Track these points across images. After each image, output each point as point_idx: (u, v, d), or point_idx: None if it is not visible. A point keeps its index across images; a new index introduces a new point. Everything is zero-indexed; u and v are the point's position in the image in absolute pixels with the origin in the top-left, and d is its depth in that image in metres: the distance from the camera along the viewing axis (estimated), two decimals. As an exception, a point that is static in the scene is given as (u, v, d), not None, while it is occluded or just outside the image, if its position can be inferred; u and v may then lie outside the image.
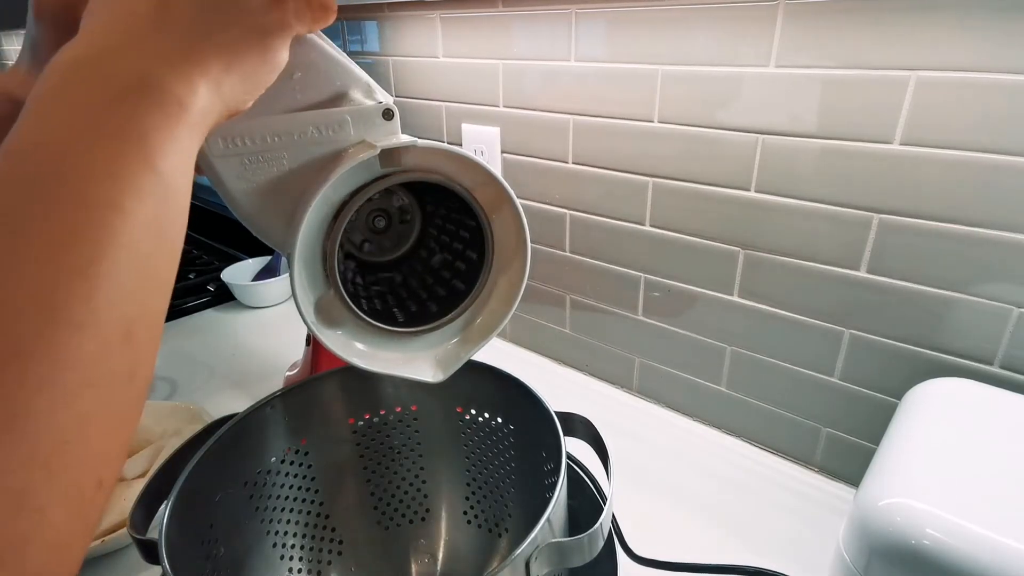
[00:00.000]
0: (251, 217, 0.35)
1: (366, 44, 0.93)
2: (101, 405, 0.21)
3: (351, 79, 0.35)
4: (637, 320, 0.75)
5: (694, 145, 0.63)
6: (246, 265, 1.12)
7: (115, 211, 0.21)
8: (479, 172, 0.38)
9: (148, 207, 0.22)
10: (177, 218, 0.24)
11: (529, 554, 0.32)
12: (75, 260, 0.20)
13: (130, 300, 0.22)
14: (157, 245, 0.23)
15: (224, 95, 0.27)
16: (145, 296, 0.23)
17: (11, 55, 2.37)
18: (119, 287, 0.21)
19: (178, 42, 0.25)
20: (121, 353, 0.21)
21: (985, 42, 0.45)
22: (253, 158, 0.34)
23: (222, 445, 0.42)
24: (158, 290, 0.24)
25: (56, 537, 0.19)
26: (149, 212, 0.22)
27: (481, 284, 0.41)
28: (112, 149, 0.22)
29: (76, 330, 0.20)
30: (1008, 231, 0.48)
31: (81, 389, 0.20)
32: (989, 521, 0.35)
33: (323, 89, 0.35)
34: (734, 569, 0.52)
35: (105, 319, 0.21)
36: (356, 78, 0.36)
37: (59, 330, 0.19)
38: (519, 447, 0.50)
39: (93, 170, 0.21)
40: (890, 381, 0.57)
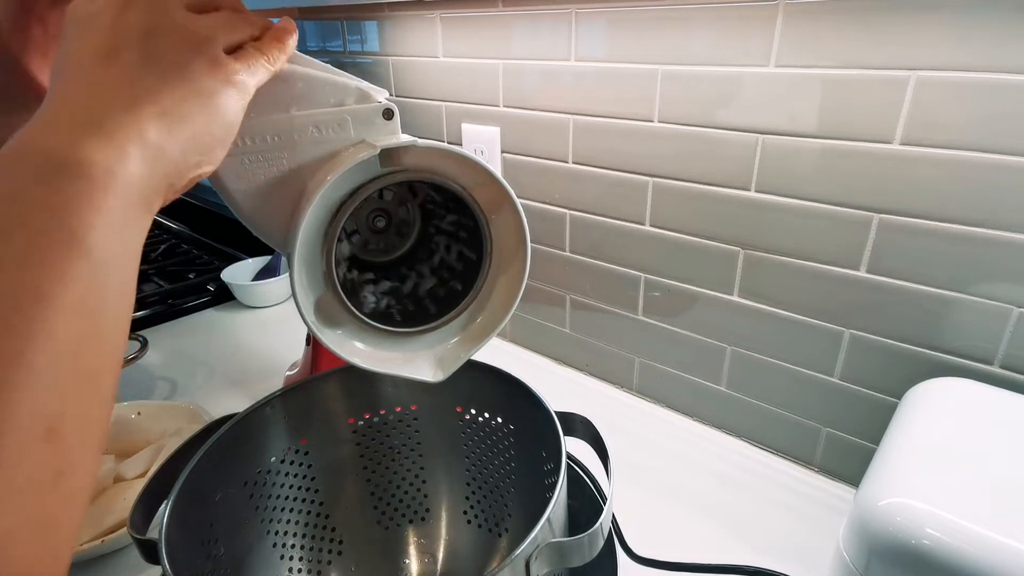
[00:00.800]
0: (251, 217, 0.35)
1: (366, 44, 0.93)
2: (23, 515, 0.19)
3: (343, 93, 0.35)
4: (637, 320, 0.75)
5: (694, 145, 0.63)
6: (246, 265, 1.12)
7: (35, 299, 0.20)
8: (479, 172, 0.38)
9: (74, 291, 0.21)
10: (112, 299, 0.23)
11: (529, 554, 0.32)
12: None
13: (53, 396, 0.20)
14: (86, 333, 0.21)
15: (169, 160, 0.25)
16: (72, 390, 0.21)
17: (11, 55, 2.37)
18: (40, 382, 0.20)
19: (111, 112, 0.24)
20: (42, 454, 0.20)
21: (985, 42, 0.45)
22: (253, 158, 0.34)
23: (222, 445, 0.42)
24: (89, 383, 0.22)
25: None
26: (75, 297, 0.21)
27: (481, 284, 0.41)
28: (34, 230, 0.20)
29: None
30: (1008, 231, 0.48)
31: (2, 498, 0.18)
32: (989, 521, 0.34)
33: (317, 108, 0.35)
34: (734, 569, 0.52)
35: (25, 418, 0.19)
36: (348, 90, 0.35)
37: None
38: (519, 447, 0.50)
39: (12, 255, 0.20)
40: (890, 381, 0.57)
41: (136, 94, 0.25)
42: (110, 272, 0.22)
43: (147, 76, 0.25)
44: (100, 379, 0.22)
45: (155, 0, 0.27)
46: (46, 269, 0.20)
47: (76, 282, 0.21)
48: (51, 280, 0.20)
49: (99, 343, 0.22)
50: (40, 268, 0.20)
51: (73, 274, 0.21)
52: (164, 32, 0.26)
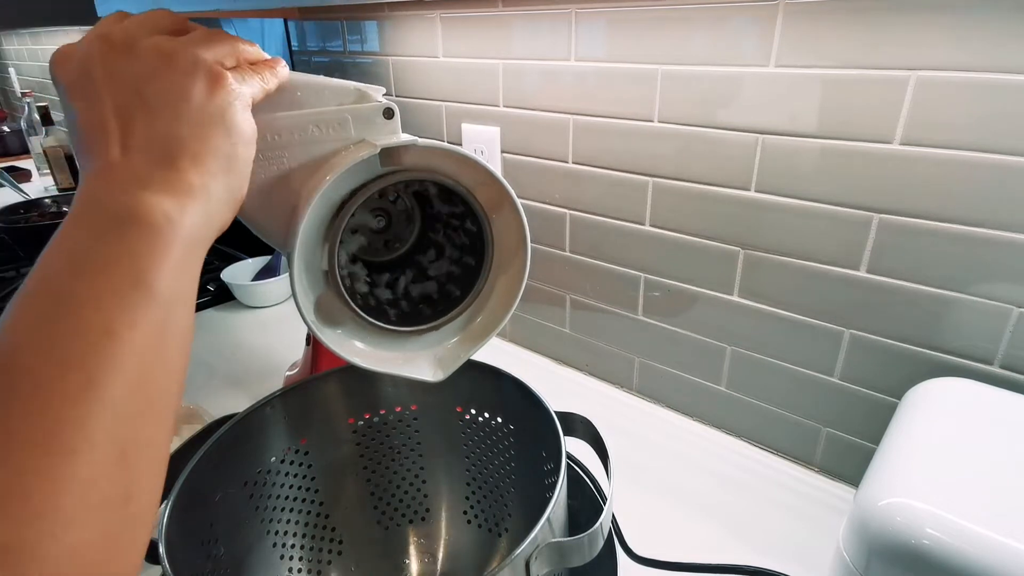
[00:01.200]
0: (251, 216, 0.35)
1: (366, 44, 0.93)
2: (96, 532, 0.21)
3: (342, 94, 0.35)
4: (637, 320, 0.75)
5: (694, 145, 0.63)
6: (246, 265, 1.12)
7: (108, 337, 0.22)
8: (479, 171, 0.38)
9: (142, 330, 0.23)
10: (175, 337, 0.25)
11: (529, 554, 0.32)
12: (68, 387, 0.21)
13: (124, 424, 0.22)
14: (152, 367, 0.23)
15: (216, 199, 0.27)
16: (141, 419, 0.23)
17: (11, 55, 2.37)
18: (112, 411, 0.22)
19: (149, 165, 0.26)
20: (115, 476, 0.22)
21: (985, 42, 0.45)
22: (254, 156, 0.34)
23: (222, 445, 0.42)
24: (155, 412, 0.24)
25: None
26: (144, 335, 0.23)
27: (481, 284, 0.41)
28: (104, 277, 0.23)
29: (67, 455, 0.20)
30: (1008, 231, 0.48)
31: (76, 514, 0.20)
32: (989, 521, 0.34)
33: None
34: (734, 569, 0.52)
35: (99, 443, 0.21)
36: (347, 91, 0.35)
37: (53, 456, 0.20)
38: (519, 447, 0.50)
39: (87, 299, 0.22)
40: (890, 381, 0.57)
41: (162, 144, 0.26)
42: (173, 310, 0.24)
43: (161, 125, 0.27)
44: (165, 408, 0.25)
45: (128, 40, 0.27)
46: (116, 310, 0.23)
47: (143, 321, 0.23)
48: (121, 319, 0.23)
49: (164, 375, 0.24)
50: (111, 309, 0.23)
51: (140, 314, 0.23)
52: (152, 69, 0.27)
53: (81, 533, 0.20)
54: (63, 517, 0.20)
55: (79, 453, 0.21)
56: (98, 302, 0.22)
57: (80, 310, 0.22)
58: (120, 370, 0.22)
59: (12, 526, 0.19)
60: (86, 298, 0.22)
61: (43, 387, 0.21)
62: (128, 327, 0.23)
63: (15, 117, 2.37)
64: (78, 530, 0.20)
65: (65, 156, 1.63)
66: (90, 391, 0.21)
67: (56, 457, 0.20)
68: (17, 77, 2.23)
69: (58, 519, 0.20)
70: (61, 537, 0.20)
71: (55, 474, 0.20)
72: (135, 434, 0.23)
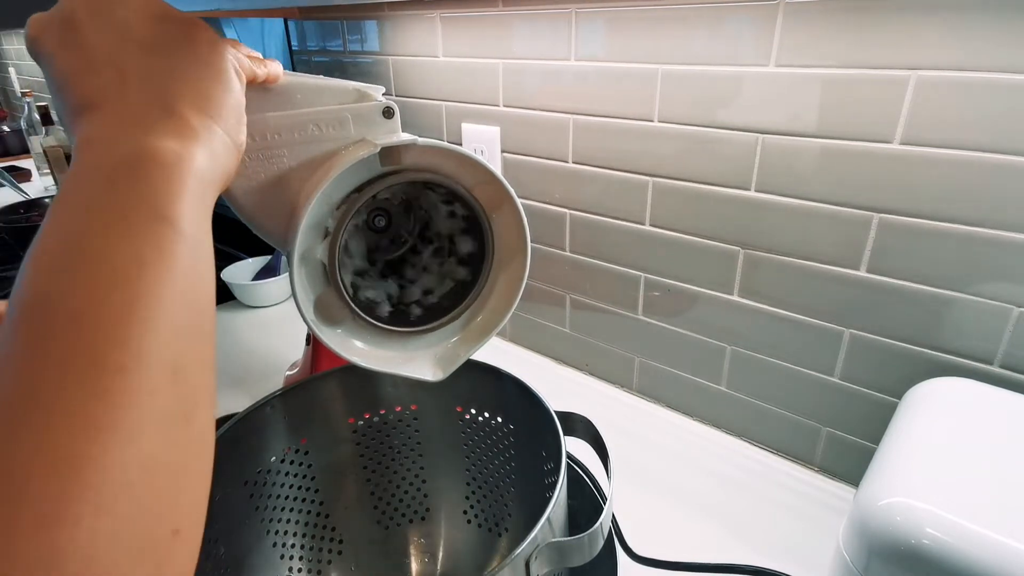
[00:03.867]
0: (251, 215, 0.35)
1: (366, 43, 0.93)
2: (162, 447, 0.21)
3: (342, 94, 0.35)
4: (637, 320, 0.75)
5: (694, 144, 0.63)
6: (246, 264, 1.12)
7: (139, 265, 0.22)
8: (480, 170, 0.38)
9: (172, 257, 0.23)
10: (200, 264, 0.25)
11: (529, 554, 0.32)
12: (108, 311, 0.21)
13: (171, 343, 0.22)
14: (189, 291, 0.24)
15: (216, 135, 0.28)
16: (187, 337, 0.23)
17: (11, 54, 2.37)
18: (157, 331, 0.22)
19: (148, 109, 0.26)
20: (171, 393, 0.22)
21: (985, 42, 0.45)
22: (254, 156, 0.34)
23: (222, 444, 0.42)
24: (200, 331, 0.24)
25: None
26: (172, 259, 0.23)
27: (481, 283, 0.41)
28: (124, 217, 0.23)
29: (119, 373, 0.20)
30: (1008, 231, 0.48)
31: (138, 428, 0.20)
32: (989, 521, 0.34)
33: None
34: (734, 568, 0.52)
35: (148, 361, 0.21)
36: (347, 91, 0.35)
37: (104, 375, 0.20)
38: (519, 447, 0.50)
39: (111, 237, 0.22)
40: (890, 380, 0.57)
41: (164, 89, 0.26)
42: (194, 241, 0.25)
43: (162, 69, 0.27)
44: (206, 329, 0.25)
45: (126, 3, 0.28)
46: (143, 242, 0.23)
47: (169, 249, 0.23)
48: (149, 248, 0.23)
49: (198, 298, 0.24)
50: (137, 239, 0.23)
51: (166, 242, 0.23)
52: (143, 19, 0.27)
53: (147, 446, 0.20)
54: (126, 430, 0.20)
55: (129, 370, 0.20)
56: (123, 236, 0.22)
57: (107, 247, 0.22)
58: (158, 294, 0.22)
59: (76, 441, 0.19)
60: (110, 235, 0.22)
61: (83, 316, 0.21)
62: (158, 255, 0.23)
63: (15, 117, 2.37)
64: (144, 443, 0.20)
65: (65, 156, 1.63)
66: (132, 313, 0.21)
67: (107, 376, 0.20)
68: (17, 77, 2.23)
69: (121, 432, 0.19)
70: (127, 449, 0.19)
71: (109, 392, 0.20)
72: (184, 352, 0.23)
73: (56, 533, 0.17)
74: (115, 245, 0.22)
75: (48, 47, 0.27)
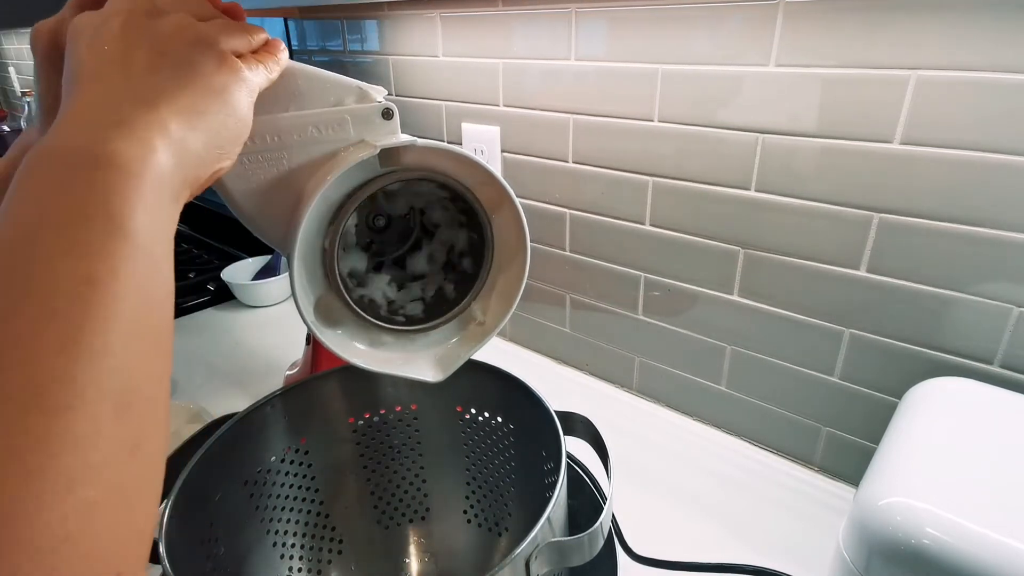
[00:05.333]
0: (251, 217, 0.35)
1: (366, 43, 0.93)
2: (104, 491, 0.19)
3: (343, 91, 0.35)
4: (637, 319, 0.75)
5: (694, 144, 0.62)
6: (246, 264, 1.12)
7: (89, 284, 0.21)
8: (479, 171, 0.38)
9: (124, 273, 0.22)
10: (157, 279, 0.23)
11: (529, 553, 0.32)
12: (52, 340, 0.19)
13: (119, 374, 0.21)
14: (139, 311, 0.22)
15: (192, 153, 0.27)
16: (136, 364, 0.22)
17: (11, 54, 2.37)
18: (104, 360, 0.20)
19: (133, 110, 0.25)
20: (116, 428, 0.20)
21: (985, 42, 0.45)
22: (253, 157, 0.34)
23: (222, 444, 0.42)
24: (150, 355, 0.22)
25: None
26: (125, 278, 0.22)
27: (481, 283, 0.41)
28: (77, 222, 0.21)
29: (64, 412, 0.19)
30: (1008, 230, 0.48)
31: (79, 474, 0.19)
32: (989, 521, 0.34)
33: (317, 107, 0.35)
34: (734, 568, 0.52)
35: (93, 396, 0.20)
36: (347, 88, 0.36)
37: (46, 415, 0.19)
38: (519, 446, 0.50)
39: (62, 249, 0.21)
40: (890, 380, 0.57)
41: (154, 93, 0.26)
42: (151, 253, 0.23)
43: (161, 76, 0.27)
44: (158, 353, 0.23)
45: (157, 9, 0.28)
46: (95, 257, 0.21)
47: (123, 264, 0.22)
48: (101, 266, 0.21)
49: (153, 319, 0.23)
50: (89, 255, 0.21)
51: (120, 257, 0.22)
52: (170, 35, 0.28)
53: (88, 490, 0.19)
54: (65, 476, 0.18)
55: (72, 408, 0.19)
56: (74, 250, 0.21)
57: (56, 260, 0.20)
58: (107, 319, 0.21)
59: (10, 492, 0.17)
60: (61, 248, 0.21)
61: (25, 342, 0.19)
62: (110, 273, 0.21)
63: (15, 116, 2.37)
64: (84, 487, 0.19)
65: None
66: (77, 344, 0.20)
67: (48, 416, 0.19)
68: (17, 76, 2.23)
69: (60, 478, 0.18)
70: (66, 496, 0.18)
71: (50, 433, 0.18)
72: (131, 383, 0.21)
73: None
74: (63, 260, 0.21)
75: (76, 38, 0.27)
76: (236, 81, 0.29)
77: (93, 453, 0.19)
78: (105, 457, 0.20)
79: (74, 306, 0.20)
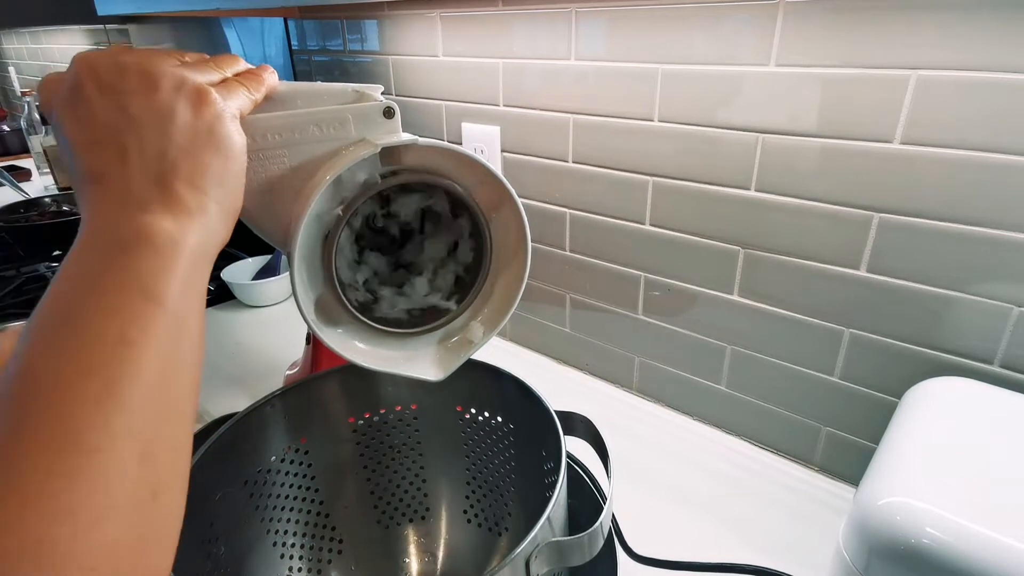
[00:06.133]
0: (251, 215, 0.35)
1: (366, 43, 0.93)
2: (126, 529, 0.22)
3: (340, 97, 0.35)
4: (637, 319, 0.75)
5: (694, 144, 0.63)
6: (246, 264, 1.12)
7: (124, 344, 0.23)
8: (480, 170, 0.38)
9: (156, 337, 0.24)
10: (189, 344, 0.26)
11: (529, 553, 0.32)
12: (89, 392, 0.22)
13: (146, 424, 0.23)
14: (169, 371, 0.25)
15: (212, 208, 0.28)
16: (161, 419, 0.24)
17: (11, 54, 2.37)
18: (133, 413, 0.23)
19: (146, 187, 0.27)
20: (140, 473, 0.23)
21: (985, 42, 0.45)
22: (254, 156, 0.34)
23: (222, 444, 0.42)
24: (175, 413, 0.25)
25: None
26: (158, 342, 0.24)
27: (481, 283, 0.41)
28: (115, 294, 0.24)
29: (93, 454, 0.21)
30: (1008, 230, 0.48)
31: (104, 512, 0.21)
32: (989, 521, 0.35)
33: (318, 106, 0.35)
34: (734, 568, 0.52)
35: (121, 443, 0.22)
36: (345, 94, 0.36)
37: (79, 456, 0.21)
38: (519, 446, 0.50)
39: (100, 313, 0.24)
40: (890, 380, 0.57)
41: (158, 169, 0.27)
42: (184, 320, 0.26)
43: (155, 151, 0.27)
44: (184, 408, 0.26)
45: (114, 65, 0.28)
46: (129, 321, 0.24)
47: (156, 330, 0.24)
48: (135, 328, 0.24)
49: (180, 378, 0.25)
50: (124, 320, 0.24)
51: (152, 323, 0.24)
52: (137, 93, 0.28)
53: (112, 528, 0.21)
54: (93, 514, 0.21)
55: (103, 451, 0.21)
56: (111, 314, 0.24)
57: (95, 323, 0.23)
58: (138, 374, 0.23)
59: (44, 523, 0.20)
60: (99, 312, 0.24)
61: (65, 394, 0.22)
62: (142, 334, 0.24)
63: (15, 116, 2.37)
64: (109, 526, 0.21)
65: (65, 155, 1.63)
66: (111, 395, 0.22)
67: (82, 457, 0.21)
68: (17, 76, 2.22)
69: (88, 516, 0.21)
70: (93, 533, 0.21)
71: (82, 473, 0.21)
72: (157, 434, 0.24)
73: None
74: (101, 323, 0.23)
75: (58, 114, 0.28)
76: (217, 118, 0.29)
77: (120, 493, 0.22)
78: (131, 497, 0.22)
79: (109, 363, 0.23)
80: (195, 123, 0.28)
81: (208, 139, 0.28)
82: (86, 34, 1.77)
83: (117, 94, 0.27)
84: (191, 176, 0.28)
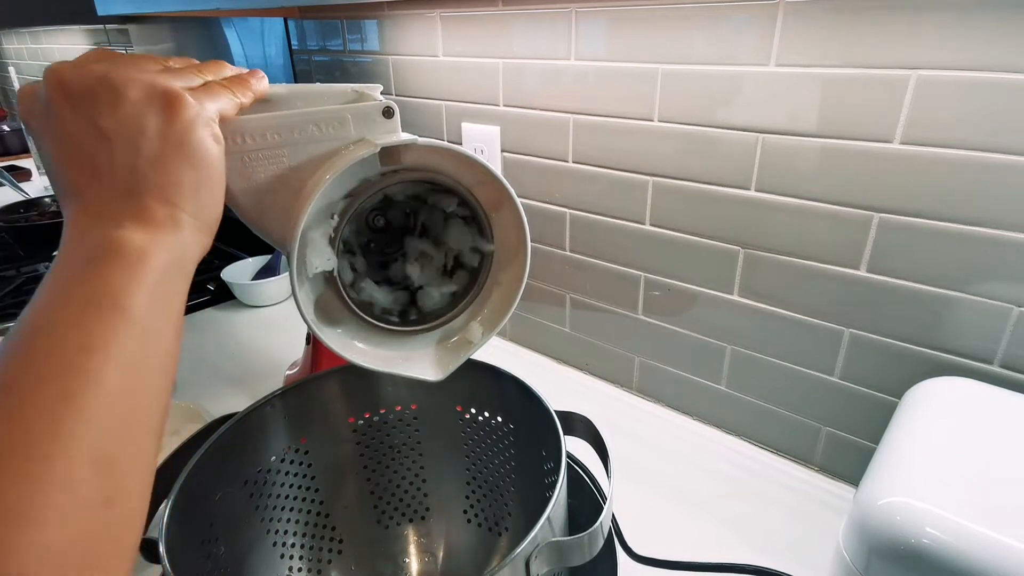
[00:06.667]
0: (251, 215, 0.35)
1: (366, 43, 0.93)
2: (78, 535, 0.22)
3: (339, 97, 0.35)
4: (637, 319, 0.75)
5: (694, 144, 0.62)
6: (246, 264, 1.12)
7: (84, 352, 0.24)
8: (480, 170, 0.38)
9: (119, 347, 0.24)
10: (157, 355, 0.26)
11: (529, 553, 0.32)
12: (45, 399, 0.23)
13: (104, 432, 0.23)
14: (131, 382, 0.25)
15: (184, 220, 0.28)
16: (121, 430, 0.24)
17: (11, 54, 2.37)
18: (90, 420, 0.23)
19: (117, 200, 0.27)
20: (93, 481, 0.23)
21: (985, 42, 0.45)
22: (253, 156, 0.34)
23: (222, 444, 0.42)
24: (136, 425, 0.25)
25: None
26: (121, 352, 0.24)
27: (481, 283, 0.41)
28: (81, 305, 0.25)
29: (43, 461, 0.22)
30: (1008, 230, 0.48)
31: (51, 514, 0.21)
32: (989, 521, 0.35)
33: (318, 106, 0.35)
34: (734, 568, 0.52)
35: (76, 450, 0.22)
36: (344, 94, 0.36)
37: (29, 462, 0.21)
38: (519, 446, 0.50)
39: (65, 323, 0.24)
40: (890, 380, 0.57)
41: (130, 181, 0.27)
42: (151, 329, 0.26)
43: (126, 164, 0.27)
44: (147, 422, 0.26)
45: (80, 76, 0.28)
46: (93, 330, 0.24)
47: (118, 338, 0.24)
48: (97, 338, 0.24)
49: (144, 388, 0.25)
50: (87, 329, 0.24)
51: (117, 332, 0.25)
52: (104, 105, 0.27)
53: (58, 533, 0.21)
54: (38, 516, 0.21)
55: (54, 459, 0.22)
56: (76, 324, 0.24)
57: (58, 332, 0.24)
58: (98, 383, 0.23)
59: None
60: (65, 322, 0.24)
61: (22, 400, 0.22)
62: (104, 344, 0.24)
63: (15, 116, 2.37)
64: (55, 529, 0.21)
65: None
66: (67, 402, 0.23)
67: (32, 462, 0.21)
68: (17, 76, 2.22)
69: (33, 518, 0.21)
70: (37, 535, 0.21)
71: (30, 477, 0.21)
72: (115, 444, 0.24)
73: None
74: (64, 333, 0.24)
75: (34, 129, 0.28)
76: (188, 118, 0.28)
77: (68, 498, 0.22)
78: (79, 504, 0.22)
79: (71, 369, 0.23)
80: (165, 132, 0.28)
81: (178, 150, 0.28)
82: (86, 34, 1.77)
83: (86, 108, 0.27)
84: (162, 189, 0.28)
